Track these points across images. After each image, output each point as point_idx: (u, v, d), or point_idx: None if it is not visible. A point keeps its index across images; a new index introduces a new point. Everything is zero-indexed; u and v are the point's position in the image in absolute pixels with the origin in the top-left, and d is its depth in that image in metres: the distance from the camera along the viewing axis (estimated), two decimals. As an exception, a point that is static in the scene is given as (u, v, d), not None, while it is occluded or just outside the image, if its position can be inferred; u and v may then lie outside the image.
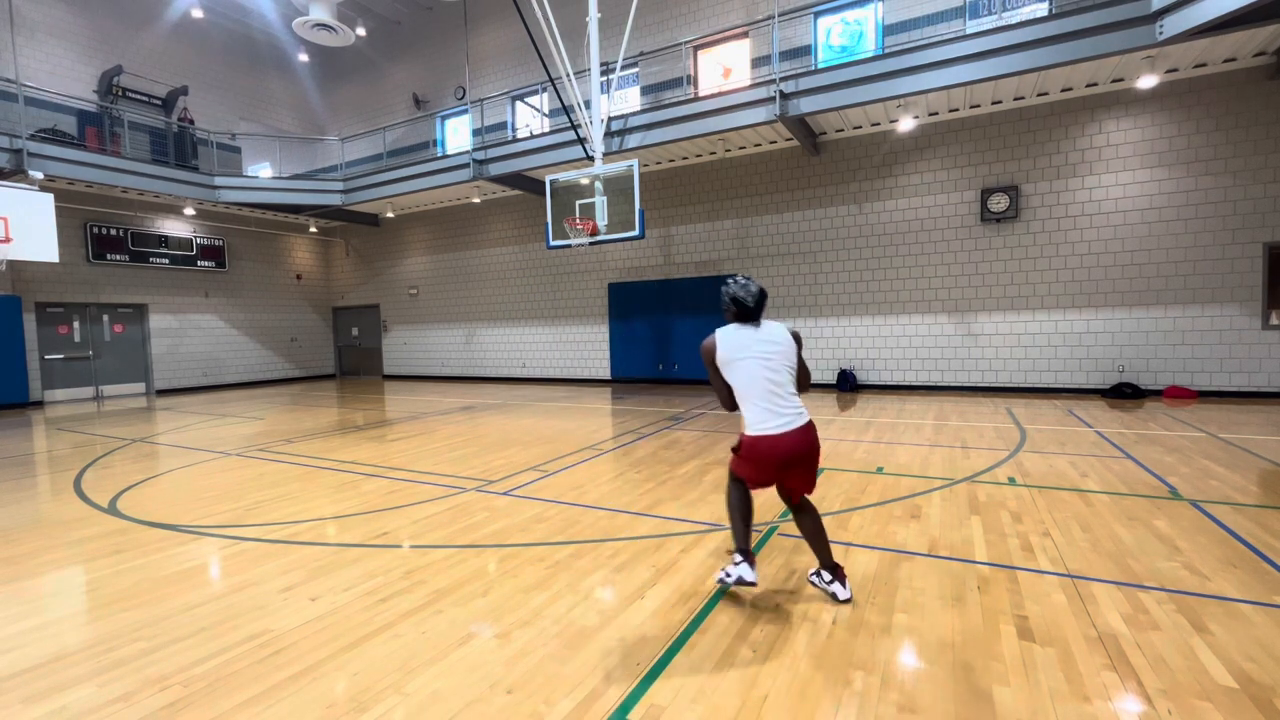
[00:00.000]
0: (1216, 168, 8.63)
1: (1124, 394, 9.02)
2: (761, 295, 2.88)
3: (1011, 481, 4.85)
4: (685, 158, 12.03)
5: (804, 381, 2.95)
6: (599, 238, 9.46)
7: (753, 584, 2.85)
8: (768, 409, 2.78)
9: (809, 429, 2.81)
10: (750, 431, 2.83)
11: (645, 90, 12.57)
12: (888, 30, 10.30)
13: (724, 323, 2.97)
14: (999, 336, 10.02)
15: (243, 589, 3.21)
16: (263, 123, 16.61)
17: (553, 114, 13.11)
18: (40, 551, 3.90)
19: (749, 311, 2.86)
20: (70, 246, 12.63)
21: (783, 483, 2.91)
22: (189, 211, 14.33)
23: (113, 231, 13.38)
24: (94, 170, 11.52)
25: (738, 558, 2.88)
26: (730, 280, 2.92)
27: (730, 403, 2.92)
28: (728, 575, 2.86)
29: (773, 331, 2.86)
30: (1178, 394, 8.87)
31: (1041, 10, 9.00)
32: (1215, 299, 8.73)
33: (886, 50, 9.50)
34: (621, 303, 13.38)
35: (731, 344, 2.85)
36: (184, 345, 14.79)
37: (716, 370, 2.91)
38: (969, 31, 8.46)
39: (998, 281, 9.97)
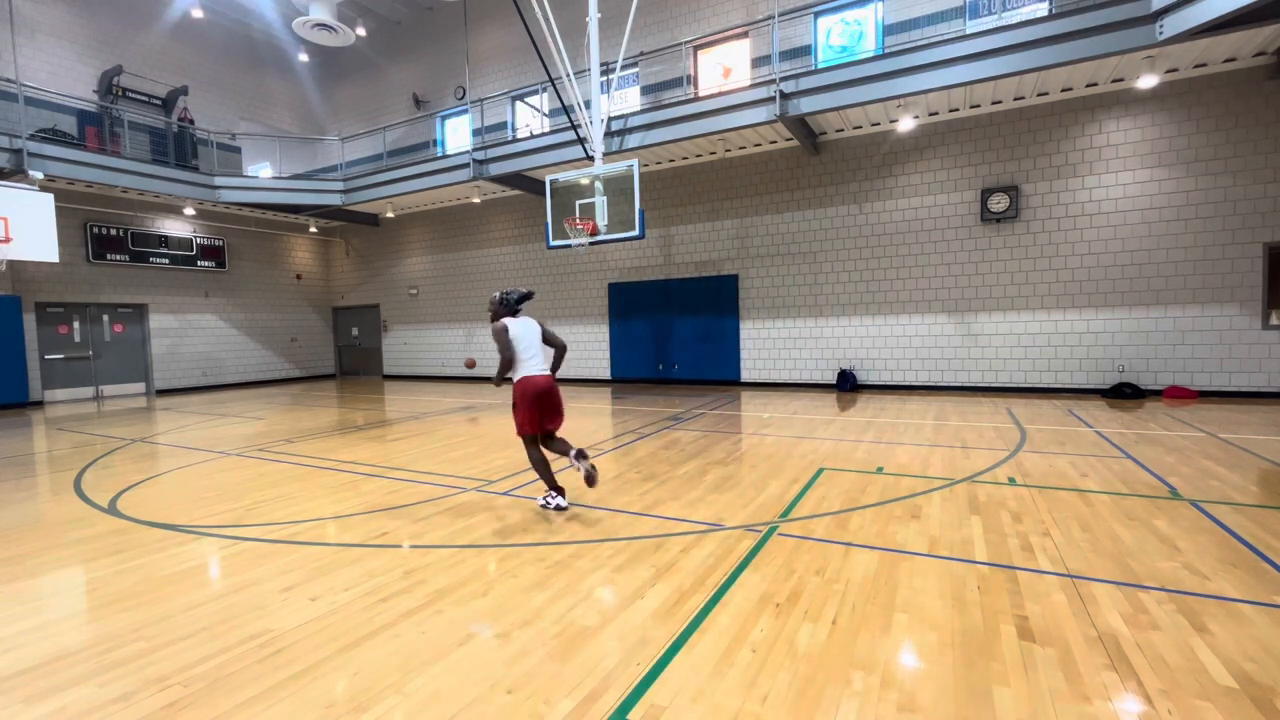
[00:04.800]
0: (1216, 168, 8.63)
1: (1124, 394, 9.02)
2: (525, 297, 4.56)
3: (1011, 481, 4.85)
4: (685, 158, 12.03)
5: (559, 344, 4.66)
6: (599, 238, 9.46)
7: (565, 508, 4.42)
8: (533, 362, 4.41)
9: (551, 377, 4.47)
10: (522, 374, 4.38)
11: (645, 90, 12.57)
12: (888, 30, 10.30)
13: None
14: (999, 336, 10.02)
15: (243, 589, 3.21)
16: (263, 123, 16.61)
17: (553, 114, 13.11)
18: (40, 551, 3.90)
19: (517, 309, 4.54)
20: (70, 246, 12.63)
21: (544, 422, 4.38)
22: (189, 211, 14.33)
23: (113, 231, 13.38)
24: (94, 170, 11.52)
25: (553, 494, 4.48)
26: (504, 292, 4.51)
27: (510, 362, 4.39)
28: (547, 503, 4.47)
29: (531, 322, 4.52)
30: (1178, 394, 8.87)
31: (1041, 10, 9.00)
32: (1215, 299, 8.73)
33: (886, 50, 9.50)
34: (621, 303, 13.38)
35: (518, 327, 4.43)
36: (184, 345, 14.79)
37: (509, 341, 4.36)
38: (969, 31, 8.45)
39: (998, 281, 9.97)
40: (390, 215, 16.05)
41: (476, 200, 14.65)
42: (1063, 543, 3.51)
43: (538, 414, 4.33)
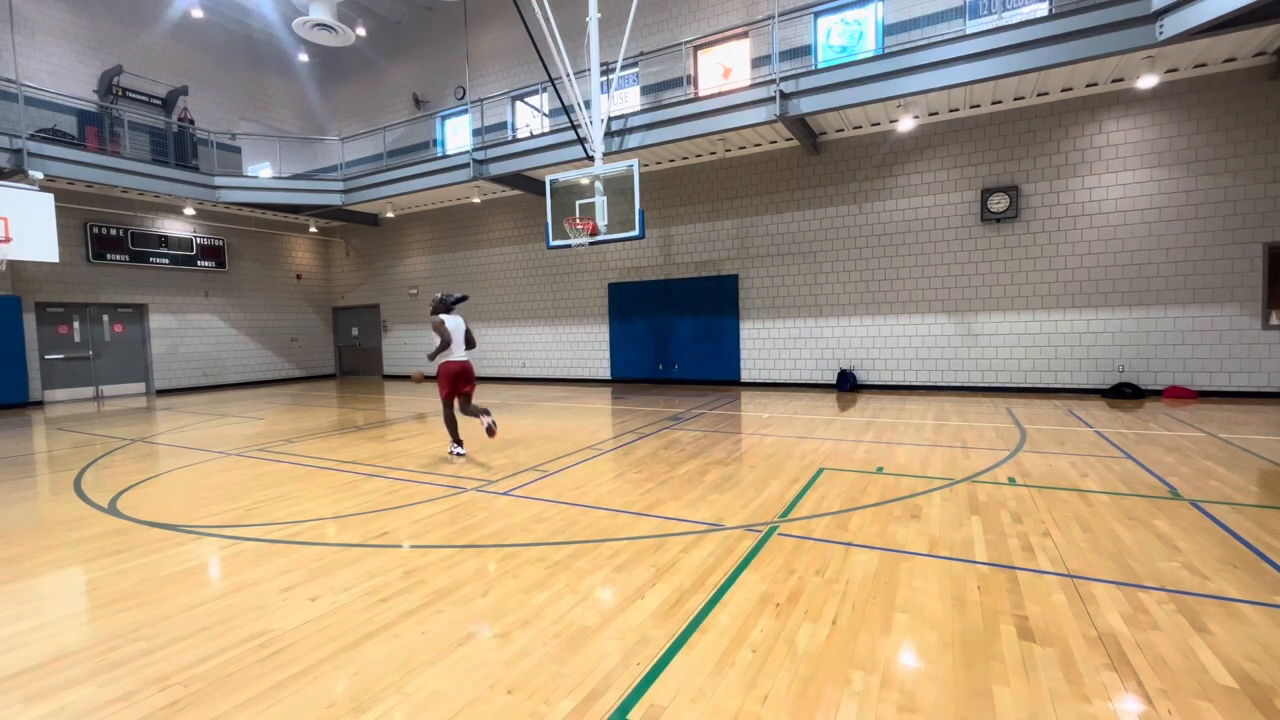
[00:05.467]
0: (1216, 168, 8.63)
1: (1124, 394, 9.02)
2: (459, 300, 6.44)
3: (1011, 481, 4.85)
4: (685, 158, 12.03)
5: (472, 340, 6.39)
6: (599, 238, 9.46)
7: (464, 455, 6.32)
8: (456, 350, 6.22)
9: (469, 362, 6.32)
10: (446, 358, 6.19)
11: (645, 90, 12.57)
12: (888, 30, 10.30)
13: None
14: (999, 336, 10.02)
15: (243, 589, 3.21)
16: (263, 123, 16.61)
17: (553, 114, 13.11)
18: (40, 551, 3.90)
19: (452, 308, 6.37)
20: (70, 246, 12.63)
21: (459, 389, 6.24)
22: (189, 211, 14.33)
23: (113, 231, 13.38)
24: (94, 170, 11.52)
25: (455, 445, 6.34)
26: (444, 294, 6.36)
27: (442, 347, 6.17)
28: (452, 452, 6.33)
29: (460, 320, 6.32)
30: (1178, 394, 8.87)
31: (1041, 10, 9.00)
32: (1215, 299, 8.73)
33: (886, 50, 9.51)
34: (621, 303, 13.38)
35: (451, 322, 6.23)
36: (184, 345, 14.79)
37: (447, 331, 6.14)
38: (969, 31, 8.46)
39: (998, 281, 9.97)
40: (390, 215, 16.05)
41: (476, 200, 14.65)
42: (1063, 543, 3.51)
43: (453, 385, 6.22)
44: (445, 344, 6.13)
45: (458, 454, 6.26)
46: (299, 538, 4.01)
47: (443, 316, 6.20)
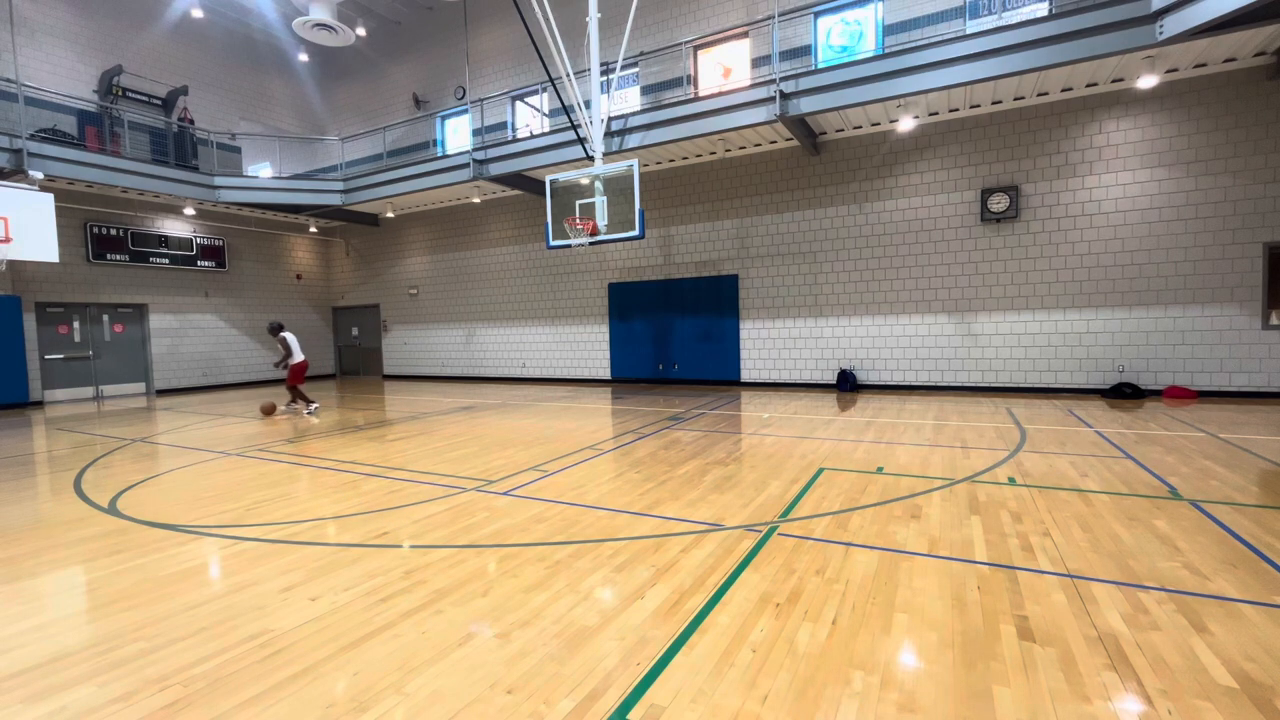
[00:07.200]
0: (1216, 168, 8.64)
1: (1124, 394, 9.02)
2: (281, 324, 10.25)
3: (1011, 481, 4.85)
4: (685, 158, 12.03)
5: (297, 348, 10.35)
6: (599, 238, 9.46)
7: (316, 407, 10.21)
8: (297, 355, 10.09)
9: (306, 361, 10.24)
10: (296, 360, 10.05)
11: (645, 90, 12.57)
12: (888, 30, 10.30)
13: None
14: (999, 336, 10.02)
15: (243, 589, 3.21)
16: (263, 123, 16.61)
17: (553, 114, 13.11)
18: (40, 551, 3.90)
19: (283, 328, 10.15)
20: (70, 246, 12.63)
21: (301, 379, 10.19)
22: (189, 211, 14.33)
23: (113, 231, 13.38)
24: (94, 170, 11.52)
25: (309, 405, 10.13)
26: (277, 322, 10.63)
27: (288, 354, 9.99)
28: (310, 412, 10.02)
29: (292, 334, 10.15)
30: (1178, 394, 8.87)
31: (1041, 10, 9.01)
32: (1215, 299, 8.73)
33: (886, 50, 9.51)
34: (621, 303, 13.38)
35: (291, 337, 10.03)
36: (184, 345, 14.79)
37: (289, 344, 9.96)
38: (969, 31, 8.46)
39: (998, 281, 9.97)
40: (390, 215, 16.06)
41: (476, 200, 14.65)
42: (1063, 543, 3.51)
43: (299, 376, 10.06)
44: (289, 352, 9.91)
45: (310, 411, 9.94)
46: (299, 538, 4.01)
47: (285, 334, 9.89)
